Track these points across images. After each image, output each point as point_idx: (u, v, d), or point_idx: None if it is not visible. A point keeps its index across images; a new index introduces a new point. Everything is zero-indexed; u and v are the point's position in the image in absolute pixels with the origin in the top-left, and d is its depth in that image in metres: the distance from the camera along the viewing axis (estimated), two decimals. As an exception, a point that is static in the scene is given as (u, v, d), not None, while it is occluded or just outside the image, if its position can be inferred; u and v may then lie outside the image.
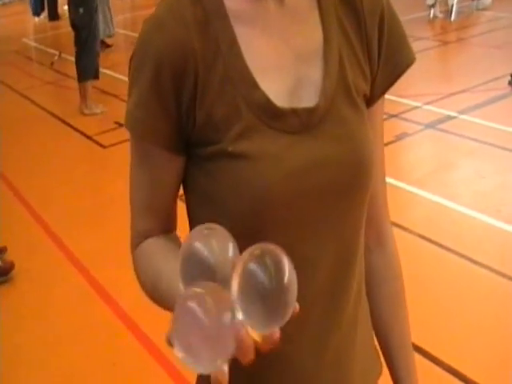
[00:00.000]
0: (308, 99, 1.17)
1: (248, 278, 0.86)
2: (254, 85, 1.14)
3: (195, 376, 1.35)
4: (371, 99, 1.28)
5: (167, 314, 1.19)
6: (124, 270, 1.32)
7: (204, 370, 0.84)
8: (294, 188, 1.13)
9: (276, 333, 0.87)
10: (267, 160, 1.12)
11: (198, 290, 0.85)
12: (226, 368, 0.84)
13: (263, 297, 0.85)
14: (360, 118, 1.22)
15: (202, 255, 0.91)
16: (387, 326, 1.47)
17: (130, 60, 1.18)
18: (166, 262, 1.17)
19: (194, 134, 1.15)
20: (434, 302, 3.99)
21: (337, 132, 1.18)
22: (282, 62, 1.18)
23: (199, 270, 0.91)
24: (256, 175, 1.11)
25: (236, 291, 0.87)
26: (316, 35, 1.21)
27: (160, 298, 1.16)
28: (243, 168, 1.12)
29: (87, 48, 8.04)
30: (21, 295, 4.55)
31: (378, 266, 1.44)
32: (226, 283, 0.88)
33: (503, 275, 4.26)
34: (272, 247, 0.88)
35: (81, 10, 7.87)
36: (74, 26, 8.15)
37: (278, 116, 1.14)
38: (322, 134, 1.16)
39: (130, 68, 1.18)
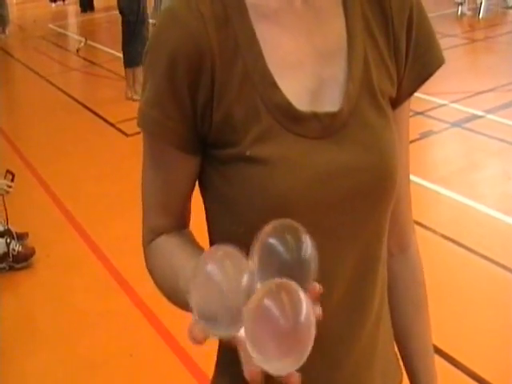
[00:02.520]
0: (331, 102, 1.12)
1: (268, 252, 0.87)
2: (274, 86, 1.09)
3: (212, 367, 1.33)
4: (397, 101, 1.22)
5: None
6: (143, 259, 1.29)
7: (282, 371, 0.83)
8: (312, 196, 1.09)
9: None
10: (285, 167, 1.07)
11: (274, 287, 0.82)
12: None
13: (283, 270, 0.86)
14: (385, 122, 1.17)
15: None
16: (409, 333, 1.44)
17: (145, 54, 1.13)
18: (182, 260, 1.14)
19: (211, 134, 1.11)
20: (455, 303, 3.96)
21: (360, 137, 1.13)
22: (304, 61, 1.13)
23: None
24: (273, 182, 1.07)
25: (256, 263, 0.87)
26: (340, 33, 1.16)
27: (176, 297, 1.12)
28: (260, 174, 1.08)
29: (135, 34, 8.01)
30: (40, 281, 4.57)
31: (401, 273, 1.40)
32: None
33: (528, 279, 4.22)
34: (291, 223, 0.89)
35: None
36: (121, 12, 8.14)
37: (299, 120, 1.09)
38: (345, 139, 1.11)
39: (144, 63, 1.14)
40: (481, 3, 12.14)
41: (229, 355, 1.25)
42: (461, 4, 12.31)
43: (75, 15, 15.51)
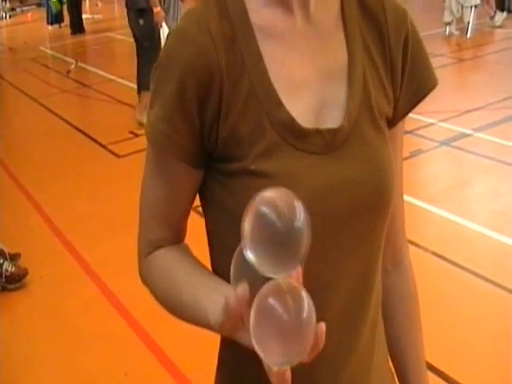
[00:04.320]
0: (332, 120, 1.17)
1: (260, 221, 0.91)
2: (279, 103, 1.13)
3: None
4: (393, 121, 1.27)
5: (179, 325, 1.20)
6: (137, 279, 1.32)
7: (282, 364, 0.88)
8: (315, 209, 1.08)
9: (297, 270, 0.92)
10: (289, 181, 1.10)
11: (277, 286, 0.88)
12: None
13: (275, 237, 0.90)
14: (382, 140, 1.21)
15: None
16: (402, 346, 1.46)
17: (154, 71, 1.17)
18: (184, 273, 1.19)
19: (217, 149, 1.15)
20: (447, 320, 3.97)
21: (360, 154, 1.17)
22: (307, 80, 1.18)
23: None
24: None
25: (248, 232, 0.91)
26: (341, 54, 1.21)
27: (178, 308, 1.17)
28: (264, 187, 1.08)
29: (148, 59, 7.78)
30: (33, 302, 4.57)
31: (395, 287, 1.44)
32: None
33: (518, 295, 4.24)
34: (285, 191, 0.94)
35: (141, 22, 7.77)
36: (134, 37, 8.08)
37: (302, 136, 1.13)
38: (346, 155, 1.16)
39: (153, 80, 1.18)
40: (468, 23, 12.22)
41: (229, 352, 1.30)
42: (449, 24, 12.38)
43: (66, 37, 15.54)
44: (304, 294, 0.88)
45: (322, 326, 0.91)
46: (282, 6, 1.17)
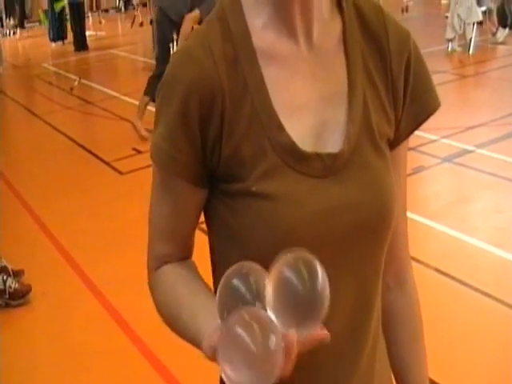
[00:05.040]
0: (332, 144, 1.18)
1: (283, 284, 0.91)
2: (280, 127, 1.15)
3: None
4: (395, 142, 1.28)
5: (182, 342, 1.22)
6: (140, 296, 1.34)
7: None
8: (315, 232, 1.15)
9: (316, 330, 0.93)
10: (290, 203, 1.13)
11: (246, 315, 0.89)
12: None
13: (297, 301, 0.91)
14: (383, 162, 1.23)
15: (241, 291, 0.95)
16: (406, 365, 1.47)
17: (158, 91, 1.19)
18: (187, 292, 1.21)
19: (219, 169, 1.17)
20: (449, 335, 3.97)
21: (360, 178, 1.19)
22: (308, 103, 1.19)
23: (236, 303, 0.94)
24: (278, 217, 1.13)
25: (271, 297, 0.91)
26: (341, 78, 1.22)
27: (178, 326, 1.19)
28: (266, 209, 1.13)
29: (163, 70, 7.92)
30: (37, 318, 4.57)
31: (397, 305, 1.44)
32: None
33: (520, 311, 4.24)
34: (304, 254, 0.94)
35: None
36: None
37: (303, 159, 1.15)
38: (346, 179, 1.18)
39: (157, 99, 1.20)
40: (470, 39, 12.24)
41: None
42: (451, 40, 12.40)
43: (69, 54, 15.60)
44: (269, 318, 0.91)
45: (292, 334, 0.92)
46: (284, 29, 1.19)
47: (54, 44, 16.86)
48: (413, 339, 1.47)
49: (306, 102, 1.19)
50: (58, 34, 16.76)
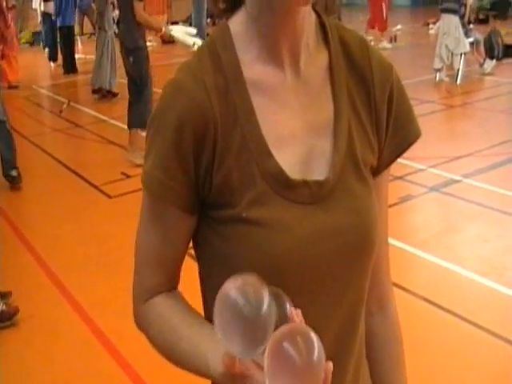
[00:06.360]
0: (319, 172, 1.22)
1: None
2: (269, 155, 1.18)
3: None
4: (377, 170, 1.32)
5: (169, 366, 1.23)
6: (128, 320, 1.34)
7: None
8: (303, 257, 1.18)
9: None
10: (279, 228, 1.16)
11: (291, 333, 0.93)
12: None
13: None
14: (367, 190, 1.26)
15: (239, 305, 0.96)
16: (386, 381, 1.48)
17: (150, 121, 1.21)
18: (184, 322, 1.23)
19: (210, 196, 1.20)
20: (435, 364, 3.98)
21: (345, 204, 1.22)
22: (296, 133, 1.22)
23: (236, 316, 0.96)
24: (267, 243, 1.16)
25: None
26: (327, 109, 1.26)
27: (177, 356, 1.21)
28: (255, 234, 1.16)
29: (137, 97, 7.93)
30: (24, 341, 4.54)
31: (379, 329, 1.47)
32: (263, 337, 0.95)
33: (505, 340, 4.26)
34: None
35: (131, 59, 7.81)
36: (127, 73, 8.11)
37: (290, 186, 1.18)
38: (331, 206, 1.21)
39: (149, 129, 1.22)
40: (458, 70, 12.36)
41: None
42: (439, 70, 12.52)
43: (58, 77, 15.61)
44: (313, 335, 0.94)
45: (330, 364, 0.96)
46: (273, 62, 1.22)
47: (53, 64, 16.91)
48: (393, 360, 1.50)
49: (294, 131, 1.22)
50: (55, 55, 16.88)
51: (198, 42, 7.10)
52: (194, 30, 7.70)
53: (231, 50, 1.22)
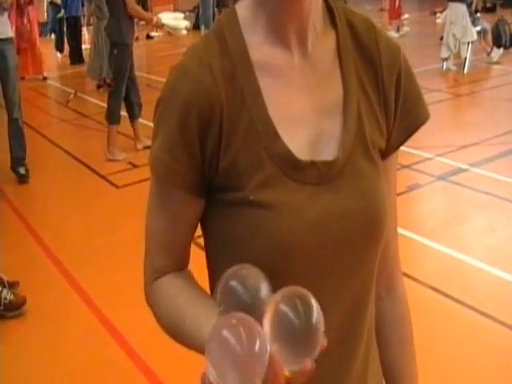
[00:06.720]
0: (327, 152, 1.21)
1: (279, 319, 0.93)
2: (276, 137, 1.18)
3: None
4: (386, 152, 1.32)
5: (178, 355, 1.24)
6: (136, 310, 1.35)
7: None
8: (311, 239, 1.17)
9: (307, 367, 0.94)
10: (288, 211, 1.16)
11: (233, 320, 0.92)
12: None
13: (293, 336, 0.92)
14: (376, 172, 1.26)
15: (238, 292, 0.98)
16: (396, 372, 1.49)
17: (157, 105, 1.22)
18: (189, 302, 1.23)
19: (217, 179, 1.19)
20: (442, 353, 3.99)
21: (354, 186, 1.22)
22: (304, 114, 1.22)
23: (235, 306, 0.97)
24: (276, 225, 1.15)
25: (267, 330, 0.93)
26: (336, 89, 1.26)
27: (181, 335, 1.21)
28: (264, 217, 1.16)
29: (113, 91, 8.00)
30: (31, 331, 4.56)
31: (388, 313, 1.47)
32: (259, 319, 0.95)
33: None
34: (301, 290, 0.96)
35: (115, 51, 7.82)
36: (110, 65, 8.13)
37: (299, 168, 1.18)
38: (340, 187, 1.20)
39: (156, 113, 1.22)
40: (465, 59, 12.32)
41: None
42: (446, 59, 12.47)
43: (65, 67, 15.60)
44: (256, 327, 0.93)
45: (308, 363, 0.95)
46: (280, 44, 1.22)
47: (59, 55, 16.91)
48: (402, 343, 1.50)
49: (302, 112, 1.22)
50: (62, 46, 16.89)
51: (188, 24, 7.32)
52: (181, 14, 7.85)
53: (238, 34, 1.22)
